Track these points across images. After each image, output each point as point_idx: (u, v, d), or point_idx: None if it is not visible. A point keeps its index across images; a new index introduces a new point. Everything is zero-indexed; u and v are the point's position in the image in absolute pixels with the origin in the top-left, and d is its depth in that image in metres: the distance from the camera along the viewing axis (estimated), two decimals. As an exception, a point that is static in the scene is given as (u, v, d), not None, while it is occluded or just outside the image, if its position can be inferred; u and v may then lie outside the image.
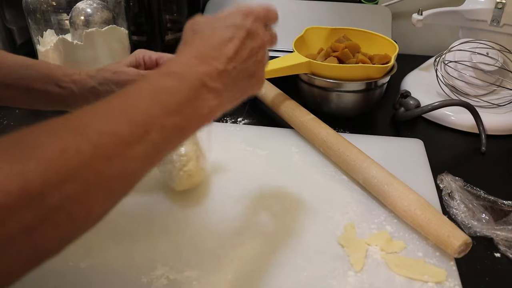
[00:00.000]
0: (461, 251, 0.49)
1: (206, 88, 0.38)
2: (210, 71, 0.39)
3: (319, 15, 0.94)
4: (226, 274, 0.49)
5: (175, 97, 0.36)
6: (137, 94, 0.36)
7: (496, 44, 0.79)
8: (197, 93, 0.38)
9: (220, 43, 0.41)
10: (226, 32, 0.42)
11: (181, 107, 0.36)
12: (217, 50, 0.40)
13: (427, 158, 0.68)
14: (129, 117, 0.33)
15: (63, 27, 0.75)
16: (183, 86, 0.37)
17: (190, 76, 0.38)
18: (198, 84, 0.38)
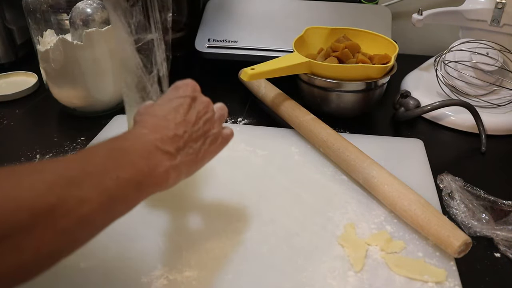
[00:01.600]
0: (461, 251, 0.49)
1: (159, 150, 0.41)
2: (162, 137, 0.42)
3: (319, 15, 0.94)
4: (226, 274, 0.49)
5: (130, 155, 0.38)
6: (94, 152, 0.38)
7: (496, 44, 0.79)
8: (150, 153, 0.40)
9: (168, 113, 0.44)
10: (172, 103, 0.46)
11: (136, 163, 0.38)
12: (166, 120, 0.44)
13: (427, 158, 0.68)
14: (83, 167, 0.35)
15: (63, 27, 0.75)
16: (138, 146, 0.40)
17: (144, 141, 0.41)
18: (151, 146, 0.40)
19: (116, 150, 0.38)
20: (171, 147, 0.42)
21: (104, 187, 0.35)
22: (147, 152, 0.40)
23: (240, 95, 0.88)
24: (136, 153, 0.39)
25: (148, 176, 0.39)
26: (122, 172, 0.37)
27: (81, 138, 0.74)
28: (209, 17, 0.96)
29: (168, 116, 0.44)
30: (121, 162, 0.37)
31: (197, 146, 0.45)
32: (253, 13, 0.96)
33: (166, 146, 0.41)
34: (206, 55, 0.92)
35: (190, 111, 0.46)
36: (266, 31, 0.93)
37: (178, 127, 0.44)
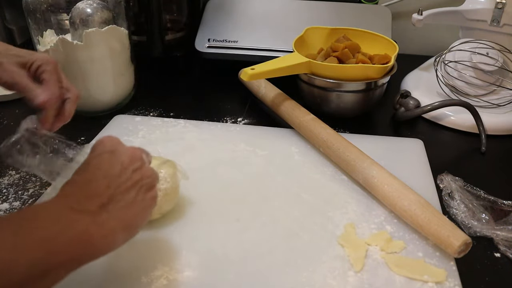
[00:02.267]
0: (461, 251, 0.49)
1: (74, 211, 0.38)
2: (77, 199, 0.39)
3: (319, 15, 0.94)
4: (226, 274, 0.49)
5: (38, 223, 0.36)
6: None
7: (496, 44, 0.79)
8: (62, 216, 0.37)
9: (88, 175, 0.42)
10: (90, 164, 0.44)
11: (46, 229, 0.36)
12: (85, 182, 0.41)
13: (427, 158, 0.68)
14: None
15: (63, 27, 0.74)
16: (50, 213, 0.37)
17: (55, 208, 0.38)
18: (64, 209, 0.38)
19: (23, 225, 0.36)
20: (91, 205, 0.39)
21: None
22: (58, 216, 0.37)
23: (240, 95, 0.88)
24: (46, 219, 0.37)
25: (61, 242, 0.36)
26: (32, 252, 0.34)
27: (81, 138, 0.74)
28: (209, 17, 0.96)
29: (88, 177, 0.42)
30: (30, 238, 0.35)
31: (130, 197, 0.42)
32: (253, 13, 0.96)
33: (83, 205, 0.39)
34: (206, 55, 0.92)
35: (112, 165, 0.43)
36: (266, 31, 0.93)
37: (98, 184, 0.41)
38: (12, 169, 0.66)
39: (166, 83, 0.95)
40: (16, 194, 0.61)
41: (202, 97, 0.90)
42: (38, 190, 0.62)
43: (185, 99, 0.89)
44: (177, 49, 0.98)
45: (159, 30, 0.90)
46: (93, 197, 0.40)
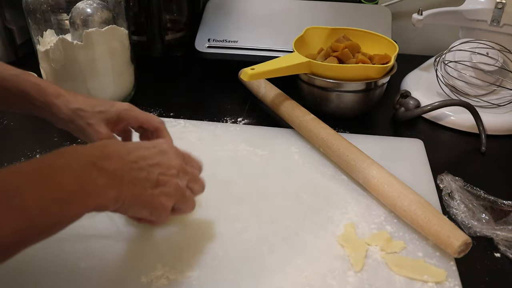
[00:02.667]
0: (461, 251, 0.49)
1: (96, 167, 0.39)
2: (101, 154, 0.41)
3: (319, 15, 0.94)
4: (226, 274, 0.49)
5: (59, 173, 0.37)
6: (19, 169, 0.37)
7: (496, 44, 0.79)
8: (84, 171, 0.39)
9: (126, 145, 0.46)
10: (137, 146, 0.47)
11: (63, 182, 0.37)
12: (118, 144, 0.45)
13: (427, 158, 0.68)
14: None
15: (63, 27, 0.75)
16: (72, 163, 0.39)
17: (79, 156, 0.40)
18: (87, 162, 0.39)
19: (45, 167, 0.37)
20: (111, 166, 0.41)
21: (21, 207, 0.34)
22: (81, 169, 0.39)
23: (240, 95, 0.88)
24: (67, 172, 0.38)
25: (77, 193, 0.38)
26: (45, 191, 0.36)
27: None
28: (209, 17, 0.96)
29: (124, 145, 0.45)
30: (45, 182, 0.36)
31: (144, 186, 0.44)
32: (253, 13, 0.96)
33: (104, 163, 0.40)
34: (206, 55, 0.92)
35: (152, 153, 0.46)
36: (266, 31, 0.93)
37: (128, 153, 0.43)
38: (12, 169, 0.66)
39: (166, 83, 0.95)
40: (16, 194, 0.61)
41: (202, 97, 0.90)
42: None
43: (185, 99, 0.89)
44: (177, 49, 0.98)
45: (159, 30, 0.90)
46: (117, 159, 0.42)
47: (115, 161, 0.42)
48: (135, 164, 0.44)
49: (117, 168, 0.41)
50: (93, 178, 0.39)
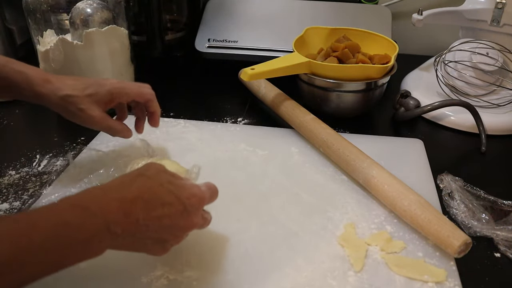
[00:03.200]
0: (461, 251, 0.49)
1: (108, 232, 0.38)
2: (116, 219, 0.38)
3: (319, 15, 0.94)
4: (226, 274, 0.49)
5: (74, 236, 0.36)
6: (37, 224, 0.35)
7: (496, 44, 0.79)
8: (96, 236, 0.37)
9: (155, 200, 0.41)
10: (168, 197, 0.42)
11: (76, 245, 0.36)
12: (147, 205, 0.41)
13: (427, 158, 0.68)
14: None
15: (63, 27, 0.75)
16: (88, 225, 0.37)
17: (96, 221, 0.38)
18: (102, 227, 0.38)
19: (62, 227, 0.36)
20: (119, 229, 0.39)
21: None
22: (94, 233, 0.37)
23: (240, 95, 0.88)
24: (82, 235, 0.37)
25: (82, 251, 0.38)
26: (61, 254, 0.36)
27: (81, 138, 0.74)
28: (209, 17, 0.96)
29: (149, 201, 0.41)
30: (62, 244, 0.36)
31: (144, 242, 0.42)
32: (253, 13, 0.96)
33: (117, 228, 0.39)
34: (206, 55, 0.92)
35: (173, 212, 0.42)
36: (266, 31, 0.93)
37: (148, 211, 0.40)
38: (12, 169, 0.66)
39: (166, 83, 0.95)
40: (16, 194, 0.61)
41: (202, 97, 0.90)
42: (38, 190, 0.62)
43: (185, 99, 0.89)
44: (177, 49, 0.98)
45: (159, 30, 0.90)
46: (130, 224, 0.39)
47: (128, 225, 0.39)
48: (147, 227, 0.41)
49: (126, 231, 0.39)
50: (98, 241, 0.38)
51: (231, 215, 0.57)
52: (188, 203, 0.43)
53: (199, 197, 0.45)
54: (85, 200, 0.39)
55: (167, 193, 0.42)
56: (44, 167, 0.67)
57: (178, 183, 0.44)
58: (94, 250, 0.39)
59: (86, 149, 0.70)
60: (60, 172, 0.65)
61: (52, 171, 0.66)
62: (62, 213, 0.37)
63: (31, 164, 0.67)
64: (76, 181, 0.62)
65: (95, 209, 0.38)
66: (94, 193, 0.40)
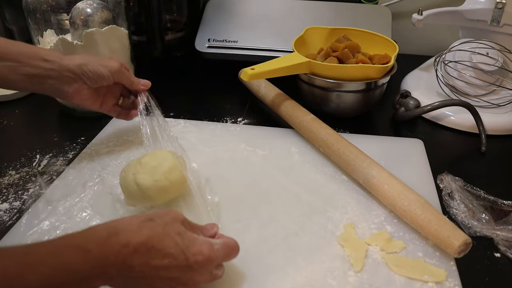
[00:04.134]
0: (461, 251, 0.49)
1: (104, 275, 0.38)
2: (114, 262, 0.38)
3: (319, 15, 0.94)
4: (226, 274, 0.48)
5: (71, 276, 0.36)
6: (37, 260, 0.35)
7: (496, 44, 0.79)
8: (91, 278, 0.37)
9: (161, 251, 0.40)
10: (175, 250, 0.40)
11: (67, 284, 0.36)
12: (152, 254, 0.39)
13: (427, 158, 0.68)
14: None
15: (63, 27, 0.75)
16: (86, 267, 0.37)
17: (96, 263, 0.37)
18: (98, 269, 0.37)
19: (61, 269, 0.36)
20: (115, 271, 0.38)
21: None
22: (91, 275, 0.37)
23: (240, 95, 0.88)
24: (79, 276, 0.36)
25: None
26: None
27: (81, 138, 0.74)
28: (209, 17, 0.96)
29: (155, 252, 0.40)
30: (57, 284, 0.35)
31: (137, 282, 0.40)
32: (253, 13, 0.96)
33: (112, 271, 0.38)
34: (206, 55, 0.92)
35: (175, 265, 0.40)
36: (266, 31, 0.93)
37: (142, 266, 0.39)
38: (12, 169, 0.66)
39: (166, 83, 0.95)
40: (16, 194, 0.61)
41: (202, 97, 0.90)
42: (38, 190, 0.62)
43: (185, 99, 0.89)
44: (177, 49, 0.98)
45: (159, 30, 0.90)
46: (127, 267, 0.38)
47: (124, 269, 0.38)
48: (143, 273, 0.39)
49: (121, 274, 0.39)
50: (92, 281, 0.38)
51: (231, 215, 0.57)
52: (193, 260, 0.41)
53: (207, 256, 0.42)
54: (89, 242, 0.38)
55: (172, 244, 0.40)
56: (44, 167, 0.67)
57: (188, 236, 0.42)
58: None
59: (86, 148, 0.70)
60: (60, 172, 0.65)
61: (52, 171, 0.66)
62: (63, 254, 0.36)
63: (31, 164, 0.67)
64: (76, 182, 0.62)
65: (97, 253, 0.37)
66: (99, 235, 0.39)
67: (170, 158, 0.56)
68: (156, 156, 0.56)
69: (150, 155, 0.56)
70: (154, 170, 0.54)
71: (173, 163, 0.55)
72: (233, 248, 0.46)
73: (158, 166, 0.55)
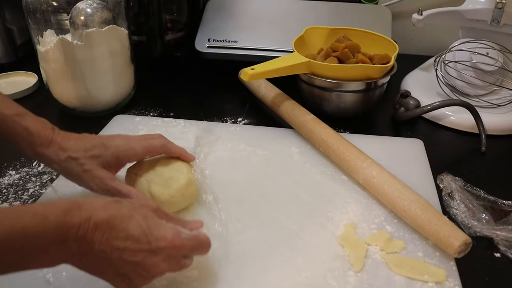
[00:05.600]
0: (461, 251, 0.49)
1: (64, 245, 0.37)
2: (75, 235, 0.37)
3: (319, 15, 0.94)
4: (227, 275, 0.49)
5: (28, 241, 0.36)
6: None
7: (496, 44, 0.79)
8: (50, 246, 0.37)
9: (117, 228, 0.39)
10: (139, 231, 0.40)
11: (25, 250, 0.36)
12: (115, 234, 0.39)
13: (427, 158, 0.68)
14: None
15: (63, 27, 0.74)
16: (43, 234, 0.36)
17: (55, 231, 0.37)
18: (57, 240, 0.37)
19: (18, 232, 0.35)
20: (75, 247, 0.38)
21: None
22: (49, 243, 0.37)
23: (240, 95, 0.88)
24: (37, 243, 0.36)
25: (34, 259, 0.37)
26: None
27: (81, 138, 0.74)
28: (209, 17, 0.96)
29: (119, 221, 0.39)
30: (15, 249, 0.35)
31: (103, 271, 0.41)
32: (253, 13, 0.96)
33: (72, 245, 0.38)
34: (206, 55, 0.92)
35: (138, 249, 0.40)
36: (266, 31, 0.93)
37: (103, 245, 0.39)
38: (12, 169, 0.66)
39: (166, 83, 0.95)
40: (16, 194, 0.61)
41: (202, 97, 0.90)
42: (38, 190, 0.62)
43: (185, 99, 0.89)
44: (177, 49, 0.98)
45: (159, 30, 0.90)
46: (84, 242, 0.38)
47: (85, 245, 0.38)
48: (106, 254, 0.39)
49: (82, 251, 0.38)
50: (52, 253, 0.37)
51: (231, 215, 0.57)
52: (156, 245, 0.41)
53: (171, 242, 0.41)
54: (48, 211, 0.37)
55: (136, 227, 0.40)
56: (44, 167, 0.67)
57: (155, 221, 0.42)
58: (48, 260, 0.38)
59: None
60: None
61: (52, 171, 0.66)
62: (21, 217, 0.36)
63: (31, 164, 0.67)
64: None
65: (55, 221, 0.37)
66: (60, 206, 0.38)
67: (185, 171, 0.56)
68: (169, 165, 0.56)
69: (163, 163, 0.56)
70: (170, 184, 0.54)
71: (188, 178, 0.56)
72: (202, 242, 0.45)
73: (174, 180, 0.55)
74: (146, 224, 0.41)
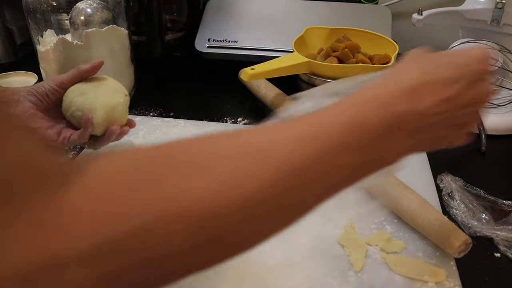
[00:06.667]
0: (461, 251, 0.49)
1: (400, 131, 0.34)
2: (410, 114, 0.34)
3: (319, 15, 0.94)
4: (226, 274, 0.48)
5: (363, 134, 0.32)
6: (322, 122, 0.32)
7: (496, 44, 0.79)
8: (387, 132, 0.33)
9: (439, 81, 0.35)
10: (451, 72, 0.36)
11: (366, 145, 0.33)
12: (433, 88, 0.35)
13: (427, 158, 0.68)
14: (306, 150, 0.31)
15: (63, 27, 0.74)
16: (375, 123, 0.33)
17: (385, 115, 0.33)
18: (392, 124, 0.33)
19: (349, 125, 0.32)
20: (410, 127, 0.34)
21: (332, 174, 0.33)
22: (388, 131, 0.33)
23: (240, 95, 0.88)
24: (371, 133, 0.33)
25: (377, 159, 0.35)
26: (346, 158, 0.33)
27: (81, 138, 0.74)
28: (209, 17, 0.96)
29: (439, 85, 0.35)
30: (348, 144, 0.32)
31: (444, 132, 0.37)
32: (253, 13, 0.96)
33: (406, 125, 0.34)
34: (206, 55, 0.92)
35: (466, 92, 0.36)
36: (266, 31, 0.93)
37: (438, 105, 0.34)
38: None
39: (166, 83, 0.95)
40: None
41: (202, 97, 0.90)
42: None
43: (185, 99, 0.89)
44: (177, 49, 0.98)
45: (159, 30, 0.90)
46: (422, 119, 0.34)
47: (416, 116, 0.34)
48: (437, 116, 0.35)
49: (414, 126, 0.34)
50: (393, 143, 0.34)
51: (231, 215, 0.57)
52: (479, 70, 0.37)
53: (480, 58, 0.37)
54: (369, 97, 0.34)
55: (451, 69, 0.36)
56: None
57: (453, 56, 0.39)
58: (391, 157, 0.35)
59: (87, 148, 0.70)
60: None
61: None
62: (358, 112, 0.32)
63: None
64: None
65: (386, 102, 0.33)
66: (374, 91, 0.34)
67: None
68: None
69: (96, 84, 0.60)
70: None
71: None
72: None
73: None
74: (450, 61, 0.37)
